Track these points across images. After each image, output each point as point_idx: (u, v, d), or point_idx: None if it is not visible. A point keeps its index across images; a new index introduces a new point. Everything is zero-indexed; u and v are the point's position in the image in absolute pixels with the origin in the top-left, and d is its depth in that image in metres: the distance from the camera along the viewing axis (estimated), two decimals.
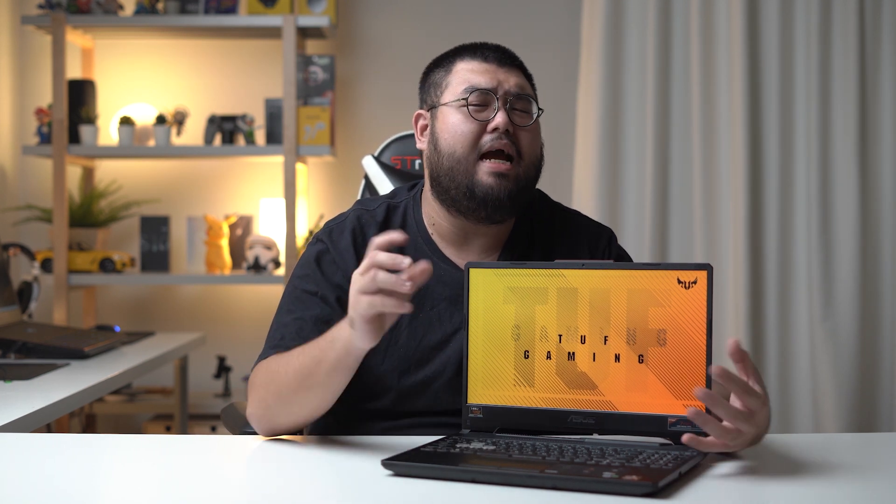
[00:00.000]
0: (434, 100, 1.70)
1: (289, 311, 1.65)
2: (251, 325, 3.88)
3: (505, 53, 1.71)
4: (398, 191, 1.80)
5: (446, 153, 1.65)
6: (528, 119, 1.67)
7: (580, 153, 3.72)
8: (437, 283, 1.66)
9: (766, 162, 3.62)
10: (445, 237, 1.71)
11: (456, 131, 1.64)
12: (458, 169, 1.64)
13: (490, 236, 1.70)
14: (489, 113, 1.65)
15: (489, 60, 1.68)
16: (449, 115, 1.66)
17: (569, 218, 1.78)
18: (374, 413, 1.66)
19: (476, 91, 1.65)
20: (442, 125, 1.67)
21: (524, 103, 1.67)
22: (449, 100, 1.67)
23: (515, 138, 1.65)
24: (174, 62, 3.95)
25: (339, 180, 3.92)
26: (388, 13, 3.92)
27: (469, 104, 1.64)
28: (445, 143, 1.65)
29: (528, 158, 1.66)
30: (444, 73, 1.70)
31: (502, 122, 1.63)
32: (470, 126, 1.64)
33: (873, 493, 1.28)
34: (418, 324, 1.65)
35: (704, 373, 1.42)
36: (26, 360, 2.54)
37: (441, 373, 1.64)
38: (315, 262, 1.68)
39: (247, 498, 1.29)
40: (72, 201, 3.76)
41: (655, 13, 3.65)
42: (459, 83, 1.67)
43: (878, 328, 3.59)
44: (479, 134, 1.64)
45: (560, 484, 1.25)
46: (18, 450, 1.53)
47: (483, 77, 1.66)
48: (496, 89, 1.65)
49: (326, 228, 1.72)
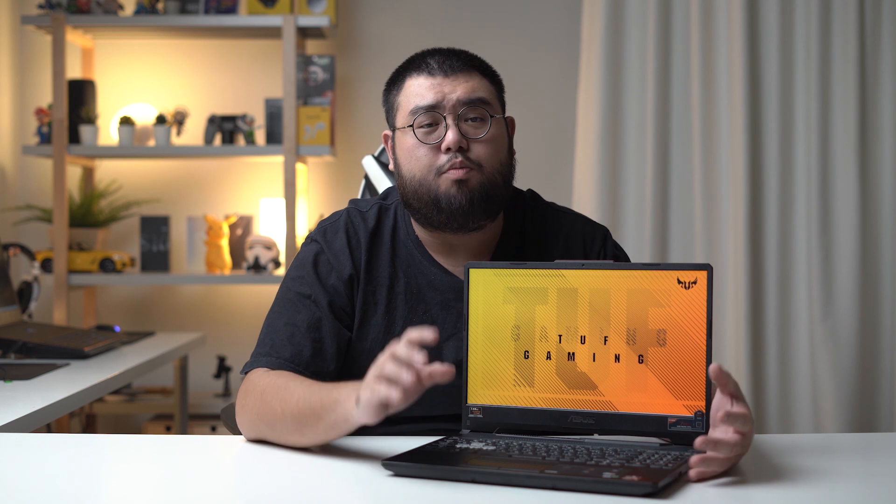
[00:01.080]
0: (392, 122, 1.69)
1: (280, 315, 1.65)
2: (251, 325, 3.88)
3: (454, 59, 1.65)
4: (390, 191, 1.78)
5: (408, 178, 1.64)
6: (482, 128, 1.62)
7: (580, 153, 3.72)
8: (429, 289, 1.66)
9: (766, 162, 3.62)
10: (432, 247, 1.69)
11: (412, 156, 1.63)
12: (422, 190, 1.62)
13: (475, 243, 1.68)
14: (440, 131, 1.61)
15: (434, 73, 1.63)
16: (404, 139, 1.64)
17: (561, 217, 1.76)
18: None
19: (422, 112, 1.62)
20: (400, 150, 1.66)
21: (477, 110, 1.62)
22: (402, 123, 1.64)
23: (470, 152, 1.61)
24: (174, 62, 3.95)
25: (339, 180, 3.93)
26: (388, 13, 3.92)
27: (416, 128, 1.62)
28: (405, 168, 1.64)
29: (489, 166, 1.62)
30: (396, 92, 1.68)
31: (453, 140, 1.59)
32: (423, 150, 1.62)
33: (873, 493, 1.28)
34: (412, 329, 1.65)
35: (704, 373, 1.42)
36: (26, 360, 2.54)
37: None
38: (311, 264, 1.67)
39: (247, 498, 1.29)
40: (72, 201, 3.76)
41: (655, 13, 3.65)
42: (407, 104, 1.64)
43: (878, 328, 3.59)
44: (434, 156, 1.61)
45: (560, 484, 1.25)
46: (18, 450, 1.53)
47: (428, 94, 1.62)
48: (442, 104, 1.61)
49: (321, 228, 1.71)
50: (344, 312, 1.65)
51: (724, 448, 1.29)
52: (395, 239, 1.69)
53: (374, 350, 1.63)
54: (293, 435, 1.48)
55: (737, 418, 1.30)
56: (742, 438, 1.31)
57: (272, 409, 1.49)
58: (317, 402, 1.43)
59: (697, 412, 1.42)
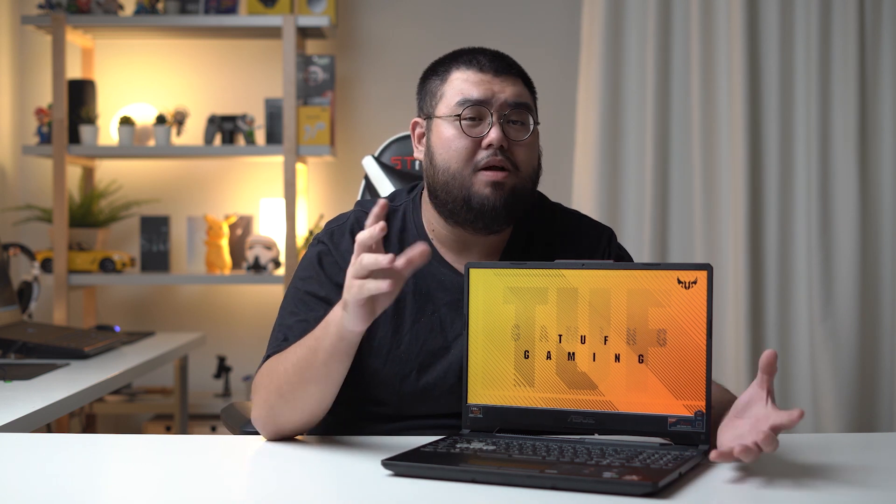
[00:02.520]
0: (430, 109, 1.67)
1: (292, 314, 1.64)
2: (251, 325, 3.89)
3: (503, 61, 1.66)
4: (397, 193, 1.78)
5: (441, 168, 1.63)
6: (524, 132, 1.64)
7: (580, 153, 3.72)
8: (439, 289, 1.66)
9: (766, 162, 3.62)
10: (445, 243, 1.69)
11: (450, 147, 1.62)
12: (454, 184, 1.62)
13: (489, 243, 1.69)
14: (483, 127, 1.62)
15: (485, 70, 1.64)
16: (443, 128, 1.64)
17: (568, 218, 1.77)
18: (375, 416, 1.66)
19: (470, 105, 1.62)
20: (437, 139, 1.65)
21: (520, 114, 1.64)
22: (443, 112, 1.64)
23: (510, 153, 1.62)
24: (174, 62, 3.95)
25: (339, 180, 3.93)
26: (388, 13, 3.92)
27: (462, 119, 1.62)
28: (440, 158, 1.63)
29: (525, 170, 1.64)
30: (439, 81, 1.67)
31: (496, 138, 1.60)
32: (464, 142, 1.62)
33: (873, 493, 1.28)
34: (420, 328, 1.65)
35: (704, 373, 1.42)
36: (26, 360, 2.54)
37: (443, 379, 1.63)
38: (317, 264, 1.67)
39: (247, 498, 1.29)
40: (72, 201, 3.76)
41: (655, 13, 3.65)
42: (453, 95, 1.64)
43: (878, 328, 3.59)
44: (473, 150, 1.62)
45: (560, 484, 1.25)
46: (18, 450, 1.53)
47: (478, 88, 1.62)
48: (491, 101, 1.62)
49: (327, 230, 1.71)
50: None
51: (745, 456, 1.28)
52: (403, 240, 1.69)
53: (381, 349, 1.63)
54: (301, 388, 1.49)
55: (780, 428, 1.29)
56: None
57: (277, 374, 1.53)
58: (310, 339, 1.49)
59: (697, 412, 1.42)
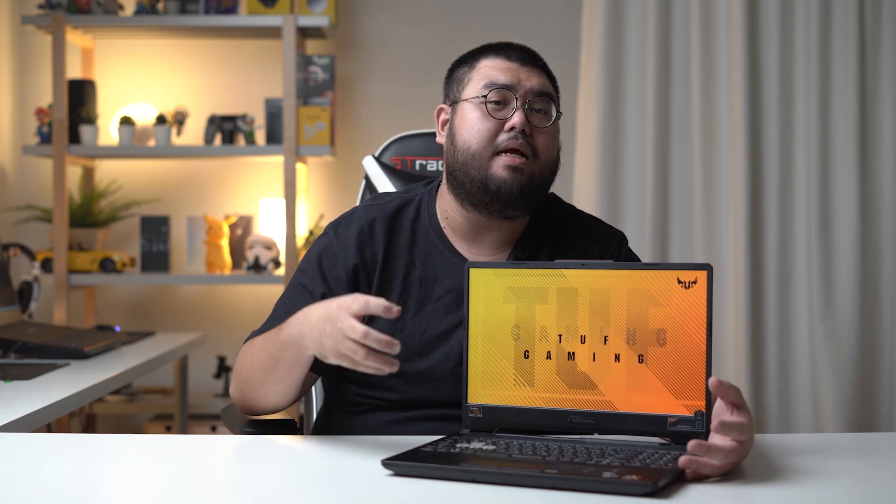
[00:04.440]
0: (456, 95, 1.72)
1: (284, 304, 1.71)
2: (251, 325, 3.86)
3: (529, 53, 1.72)
4: (414, 186, 1.83)
5: (461, 148, 1.67)
6: (546, 120, 1.68)
7: (580, 153, 3.72)
8: (447, 276, 1.69)
9: (766, 162, 3.62)
10: (458, 231, 1.73)
11: (473, 127, 1.67)
12: (473, 164, 1.66)
13: (502, 232, 1.72)
14: (507, 112, 1.66)
15: (512, 59, 1.69)
16: (468, 111, 1.68)
17: (581, 220, 1.80)
18: (375, 404, 1.68)
19: (496, 88, 1.66)
20: (460, 121, 1.69)
21: (544, 103, 1.69)
22: (469, 95, 1.69)
23: (532, 139, 1.66)
24: (174, 62, 3.95)
25: (339, 180, 3.93)
26: (388, 13, 3.92)
27: (488, 101, 1.66)
28: (462, 138, 1.68)
29: (544, 158, 1.68)
30: (467, 69, 1.72)
31: (519, 122, 1.65)
32: (487, 123, 1.66)
33: (873, 493, 1.28)
34: (424, 314, 1.68)
35: (704, 373, 1.42)
36: (26, 360, 2.54)
37: (443, 363, 1.66)
38: (317, 258, 1.72)
39: (247, 498, 1.29)
40: (72, 201, 3.76)
41: (655, 13, 3.65)
42: (480, 79, 1.69)
43: (878, 328, 3.59)
44: (495, 132, 1.66)
45: (560, 484, 1.25)
46: (18, 450, 1.53)
47: (504, 74, 1.67)
48: (516, 87, 1.67)
49: (336, 221, 1.76)
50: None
51: (717, 455, 1.29)
52: (415, 228, 1.73)
53: (384, 333, 1.64)
54: (266, 385, 1.61)
55: (732, 428, 1.30)
56: (739, 447, 1.31)
57: (246, 367, 1.65)
58: (272, 346, 1.57)
59: (697, 412, 1.42)
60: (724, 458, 1.30)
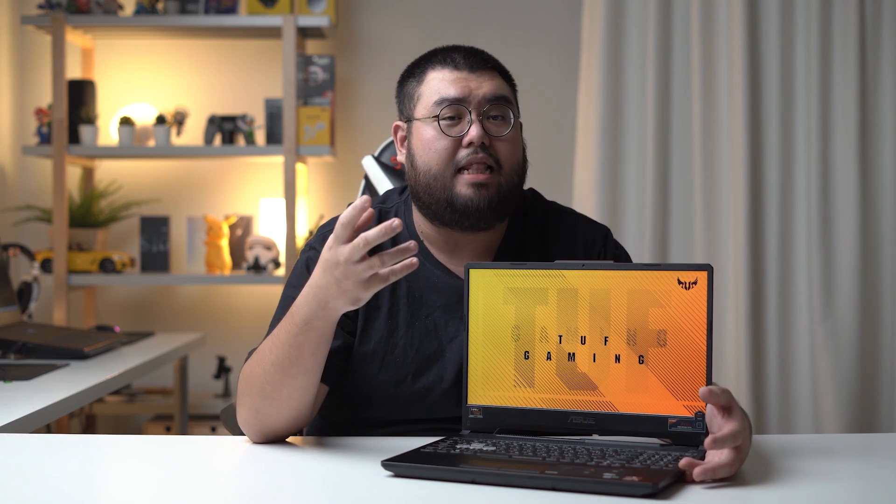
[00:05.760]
0: (409, 112, 1.66)
1: (278, 320, 1.62)
2: (251, 325, 3.88)
3: (478, 57, 1.64)
4: (389, 195, 1.77)
5: (422, 170, 1.61)
6: (504, 126, 1.62)
7: (580, 153, 3.72)
8: (432, 291, 1.65)
9: (766, 162, 3.62)
10: (436, 244, 1.68)
11: (430, 148, 1.60)
12: (436, 185, 1.60)
13: (480, 242, 1.66)
14: (463, 126, 1.60)
15: (460, 67, 1.62)
16: (423, 130, 1.62)
17: (563, 217, 1.75)
18: (371, 422, 1.65)
19: (447, 104, 1.60)
20: (417, 141, 1.63)
21: (500, 109, 1.62)
22: (422, 114, 1.62)
23: (493, 149, 1.60)
24: (174, 62, 3.95)
25: (339, 180, 3.92)
26: (388, 13, 3.92)
27: (440, 119, 1.60)
28: (421, 160, 1.62)
29: (508, 167, 1.62)
30: (416, 83, 1.66)
31: (476, 135, 1.58)
32: (444, 142, 1.60)
33: (873, 493, 1.28)
34: (414, 333, 1.64)
35: (705, 373, 1.42)
36: (26, 361, 2.54)
37: (438, 383, 1.62)
38: (305, 271, 1.65)
39: (246, 498, 1.29)
40: (72, 201, 3.76)
41: (655, 13, 3.65)
42: (430, 95, 1.62)
43: (878, 328, 3.59)
44: (454, 149, 1.60)
45: (560, 485, 1.25)
46: (18, 450, 1.53)
47: (454, 86, 1.61)
48: (468, 99, 1.60)
49: (320, 234, 1.69)
50: (344, 317, 1.61)
51: (722, 471, 1.29)
52: (396, 241, 1.67)
53: (376, 354, 1.62)
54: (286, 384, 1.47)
55: (725, 440, 1.29)
56: (737, 454, 1.30)
57: (255, 377, 1.50)
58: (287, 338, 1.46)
59: (698, 412, 1.42)
60: (730, 471, 1.30)
